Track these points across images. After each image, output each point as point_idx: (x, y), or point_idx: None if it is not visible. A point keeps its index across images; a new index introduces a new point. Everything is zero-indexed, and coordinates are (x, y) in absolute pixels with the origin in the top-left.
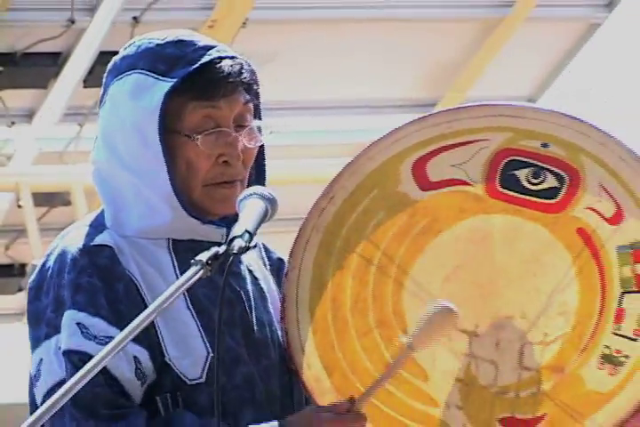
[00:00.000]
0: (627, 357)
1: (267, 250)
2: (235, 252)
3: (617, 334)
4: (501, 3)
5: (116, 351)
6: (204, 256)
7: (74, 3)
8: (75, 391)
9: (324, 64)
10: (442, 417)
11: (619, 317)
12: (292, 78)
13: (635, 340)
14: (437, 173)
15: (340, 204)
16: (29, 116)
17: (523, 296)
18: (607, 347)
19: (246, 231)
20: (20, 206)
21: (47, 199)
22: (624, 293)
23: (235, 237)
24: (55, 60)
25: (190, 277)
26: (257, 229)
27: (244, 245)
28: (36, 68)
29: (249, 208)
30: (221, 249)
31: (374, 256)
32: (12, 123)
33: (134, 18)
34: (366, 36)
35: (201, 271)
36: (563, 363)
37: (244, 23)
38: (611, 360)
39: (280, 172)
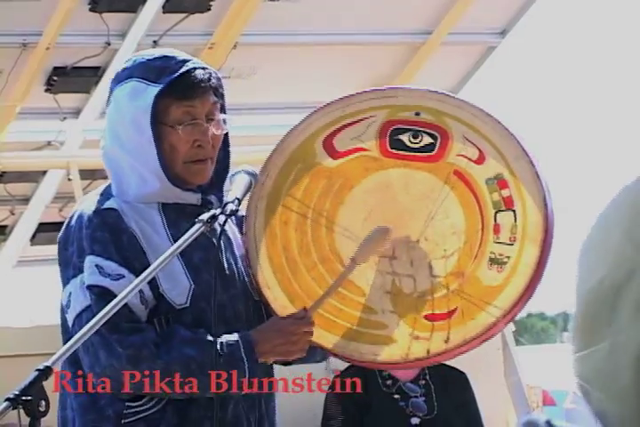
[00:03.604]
0: (508, 257)
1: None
2: (227, 213)
3: (498, 242)
4: (423, 31)
5: (145, 281)
6: (204, 216)
7: (109, 30)
8: (113, 312)
9: (293, 75)
10: (381, 320)
11: (496, 230)
12: (269, 86)
13: (511, 244)
14: (342, 145)
15: (275, 177)
16: (77, 113)
17: (422, 225)
18: (492, 253)
19: (236, 198)
20: (69, 179)
21: (90, 174)
22: (497, 212)
23: (227, 203)
24: (96, 72)
25: (195, 231)
26: (244, 196)
27: (234, 208)
28: (81, 78)
29: (238, 181)
30: (217, 211)
31: (307, 212)
32: (64, 118)
33: (154, 41)
34: (324, 56)
35: (203, 227)
36: (462, 269)
37: (235, 45)
38: (497, 262)
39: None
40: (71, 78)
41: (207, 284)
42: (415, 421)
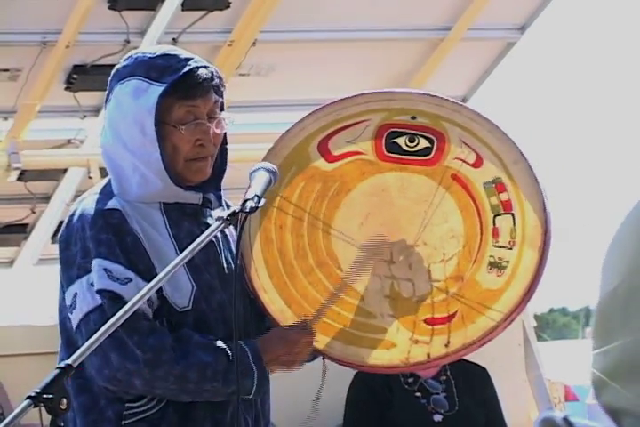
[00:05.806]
0: (507, 261)
1: (228, 207)
2: (247, 211)
3: (497, 246)
4: (442, 27)
5: (162, 282)
6: (224, 214)
7: (129, 28)
8: (125, 317)
9: (312, 72)
10: (380, 324)
11: (495, 233)
12: (288, 83)
13: (511, 248)
14: (338, 149)
15: None
16: (97, 111)
17: (420, 229)
18: (492, 256)
19: (256, 195)
20: (90, 178)
21: None
22: (495, 215)
23: (247, 200)
24: None
25: (215, 229)
26: (264, 193)
27: (254, 205)
28: (101, 76)
29: (257, 178)
30: (237, 208)
31: (303, 215)
32: (84, 116)
33: (173, 39)
34: (344, 52)
35: (222, 225)
36: (461, 273)
37: (254, 43)
38: (496, 265)
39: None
40: (91, 76)
41: (207, 284)
42: (437, 418)
